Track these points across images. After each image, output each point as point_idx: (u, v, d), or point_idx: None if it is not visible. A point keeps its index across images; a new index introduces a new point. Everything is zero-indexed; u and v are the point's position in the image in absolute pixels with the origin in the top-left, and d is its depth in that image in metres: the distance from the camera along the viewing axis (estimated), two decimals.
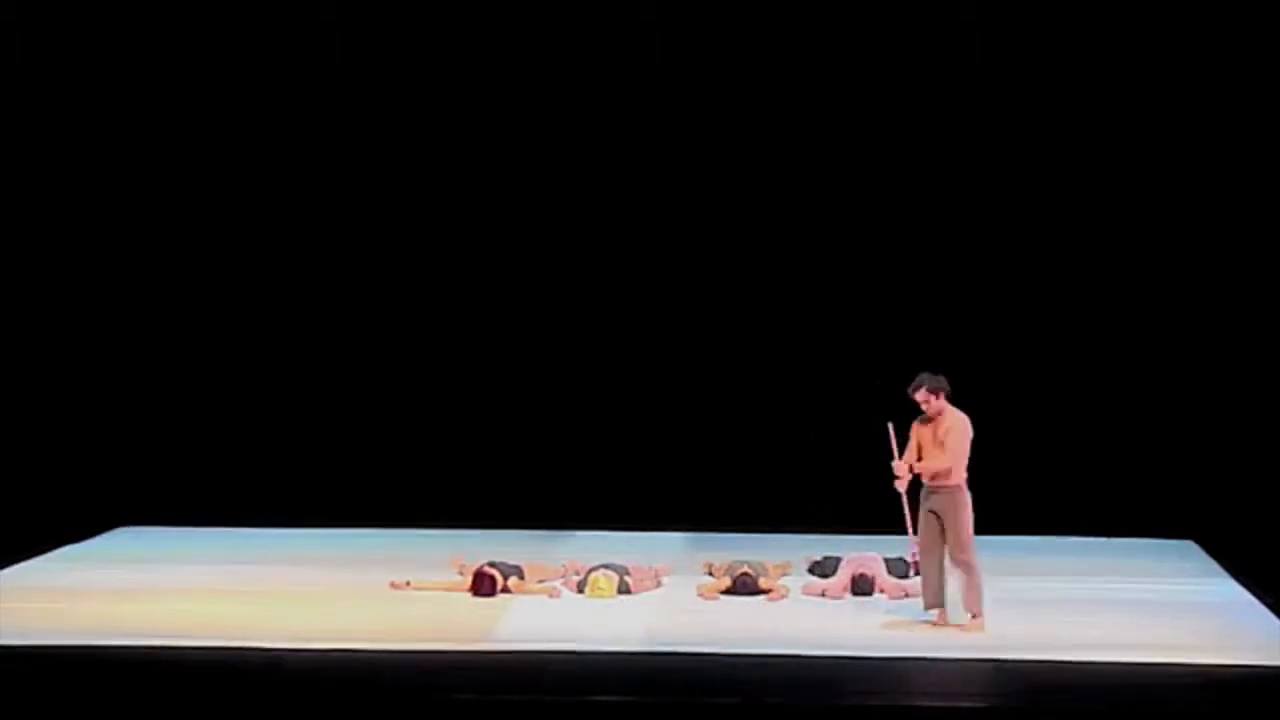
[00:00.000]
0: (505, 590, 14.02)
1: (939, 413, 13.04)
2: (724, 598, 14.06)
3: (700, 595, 14.14)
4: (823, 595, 14.14)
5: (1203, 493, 16.37)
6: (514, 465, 16.95)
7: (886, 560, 14.47)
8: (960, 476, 12.94)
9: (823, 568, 14.69)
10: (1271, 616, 13.53)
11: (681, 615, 13.55)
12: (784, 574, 14.57)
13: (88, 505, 16.60)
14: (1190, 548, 16.08)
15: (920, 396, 13.03)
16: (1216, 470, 16.43)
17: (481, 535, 15.98)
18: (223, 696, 11.45)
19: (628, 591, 14.10)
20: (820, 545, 15.26)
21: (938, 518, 12.98)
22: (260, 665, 12.05)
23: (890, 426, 13.21)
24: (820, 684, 11.72)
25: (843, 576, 14.24)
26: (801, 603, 13.99)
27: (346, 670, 12.01)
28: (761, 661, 12.14)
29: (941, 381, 13.09)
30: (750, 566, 14.24)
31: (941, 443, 12.93)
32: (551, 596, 14.09)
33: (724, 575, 14.27)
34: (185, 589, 14.23)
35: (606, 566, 14.24)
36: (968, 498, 12.98)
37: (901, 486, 13.08)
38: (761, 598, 14.04)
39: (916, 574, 13.43)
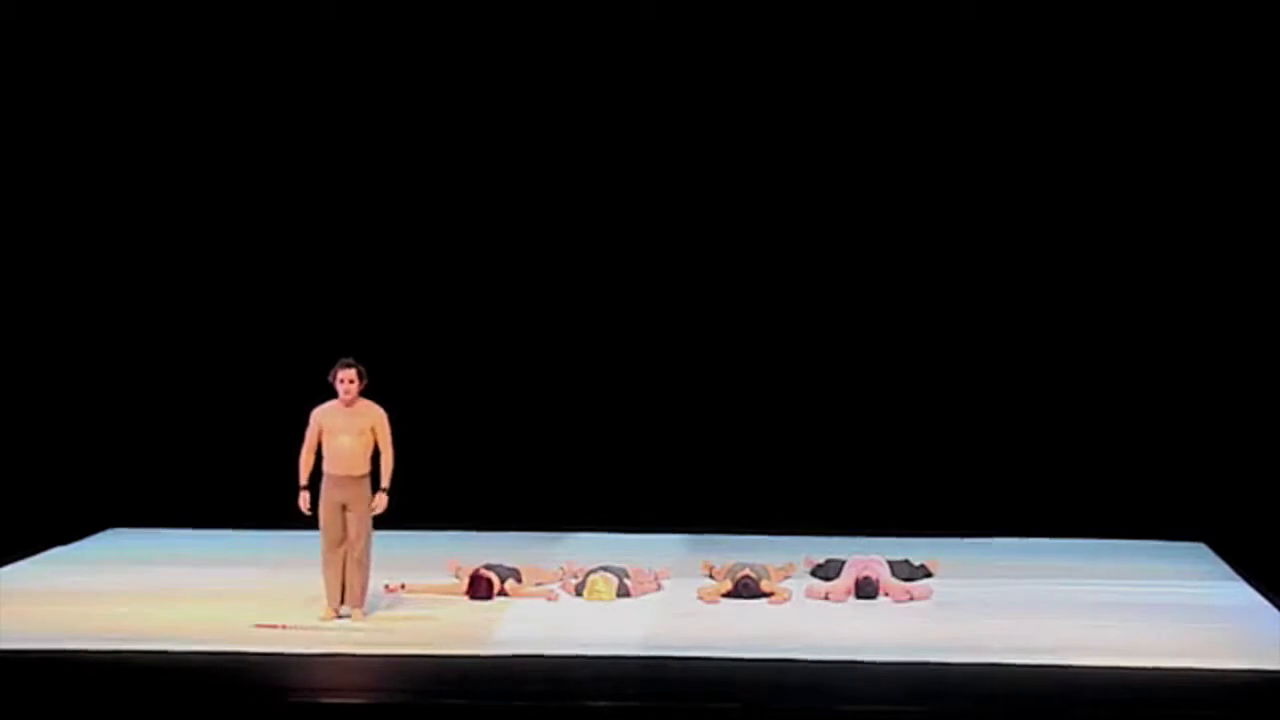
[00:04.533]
0: (502, 593, 13.93)
1: (355, 398, 13.14)
2: (725, 601, 13.92)
3: (701, 598, 13.99)
4: (826, 598, 14.01)
5: (1213, 494, 16.26)
6: (511, 466, 16.83)
7: (890, 563, 14.39)
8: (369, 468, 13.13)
9: (825, 570, 14.58)
10: None
11: (681, 619, 13.43)
12: (786, 577, 14.43)
13: (76, 507, 16.49)
14: (1200, 550, 15.97)
15: (351, 375, 13.11)
16: (1227, 472, 16.31)
17: (478, 537, 15.90)
18: (214, 701, 11.32)
19: (627, 594, 13.98)
20: (823, 547, 15.12)
21: (344, 509, 13.10)
22: (252, 669, 11.93)
23: None
24: (823, 689, 11.58)
25: (846, 579, 14.12)
26: (804, 606, 13.85)
27: (340, 674, 11.91)
28: (763, 666, 12.01)
29: (360, 368, 13.20)
30: (752, 569, 14.10)
31: (364, 431, 13.08)
32: (549, 599, 13.96)
33: (725, 578, 14.15)
34: (175, 592, 14.12)
35: (605, 569, 14.12)
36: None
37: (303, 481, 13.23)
38: (763, 601, 13.90)
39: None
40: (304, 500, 13.29)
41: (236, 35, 16.85)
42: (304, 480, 13.27)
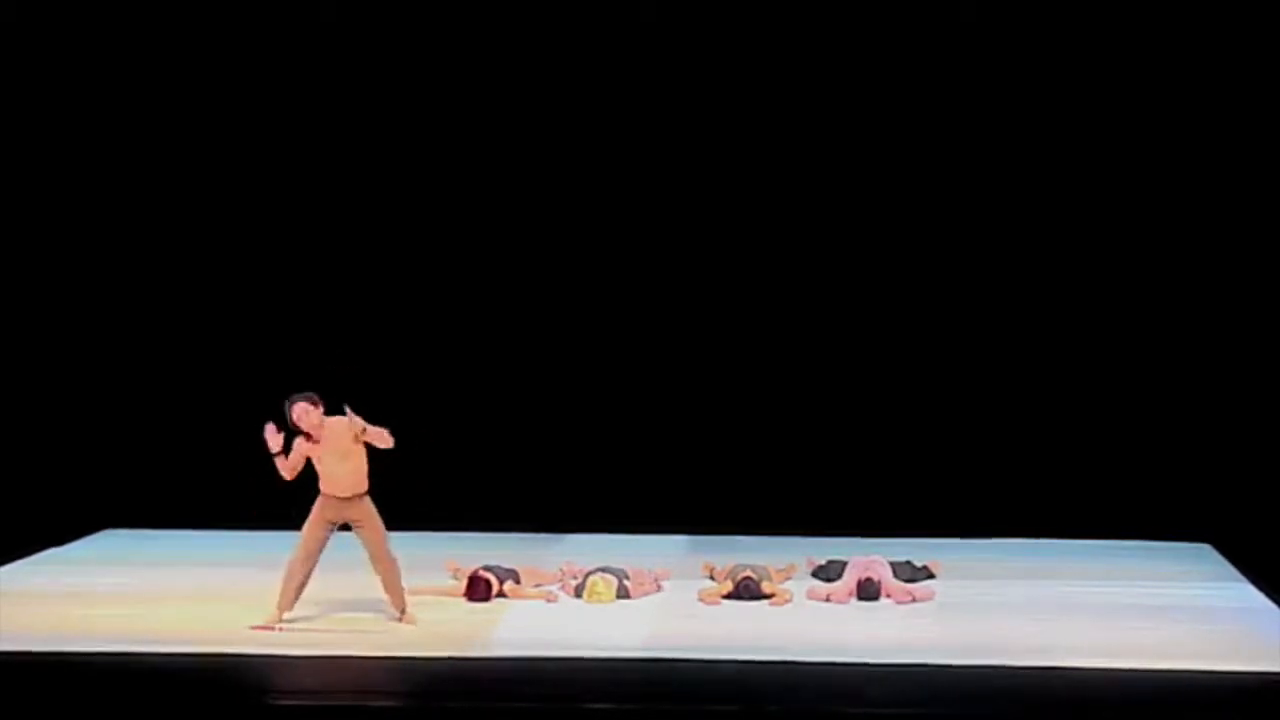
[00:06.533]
0: (501, 595, 13.87)
1: (321, 423, 12.84)
2: (726, 602, 13.86)
3: (701, 600, 13.93)
4: (827, 600, 13.95)
5: (1218, 495, 16.20)
6: (510, 466, 16.79)
7: (892, 564, 14.33)
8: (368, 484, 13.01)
9: (827, 571, 14.53)
10: None
11: (682, 620, 13.37)
12: (787, 578, 14.37)
13: (73, 507, 16.46)
14: (1205, 551, 15.91)
15: (303, 407, 12.83)
16: (1232, 472, 16.26)
17: (477, 537, 15.85)
18: (208, 703, 11.31)
19: (627, 596, 13.92)
20: (824, 548, 15.06)
21: (331, 527, 12.96)
22: (249, 672, 11.93)
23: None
24: (825, 690, 11.53)
25: (848, 581, 14.05)
26: (805, 608, 13.79)
27: (338, 677, 11.88)
28: (764, 668, 11.94)
29: (311, 394, 12.87)
30: (753, 570, 14.04)
31: (350, 450, 12.84)
32: (548, 601, 13.90)
33: (726, 579, 14.08)
34: (171, 593, 14.10)
35: (605, 570, 14.06)
36: None
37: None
38: (764, 602, 13.83)
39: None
40: (271, 435, 12.90)
41: (234, 35, 16.82)
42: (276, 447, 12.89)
